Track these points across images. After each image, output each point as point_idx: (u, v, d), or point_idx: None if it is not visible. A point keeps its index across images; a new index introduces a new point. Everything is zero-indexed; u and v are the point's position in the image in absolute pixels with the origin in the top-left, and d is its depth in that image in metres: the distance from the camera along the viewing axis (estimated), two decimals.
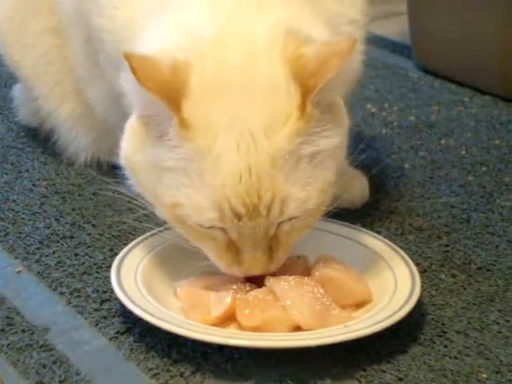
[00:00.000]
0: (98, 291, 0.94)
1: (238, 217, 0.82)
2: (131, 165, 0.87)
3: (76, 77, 1.15)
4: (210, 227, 0.83)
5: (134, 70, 0.79)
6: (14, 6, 1.18)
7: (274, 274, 0.87)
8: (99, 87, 1.11)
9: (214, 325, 0.85)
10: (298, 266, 0.90)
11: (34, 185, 1.15)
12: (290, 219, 0.84)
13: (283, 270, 0.88)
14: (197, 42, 0.83)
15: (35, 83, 1.19)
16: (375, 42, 1.59)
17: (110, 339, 0.87)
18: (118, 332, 0.88)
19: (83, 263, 0.99)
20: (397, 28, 1.76)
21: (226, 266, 0.86)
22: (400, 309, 0.85)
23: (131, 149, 0.86)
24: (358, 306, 0.89)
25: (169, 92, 0.80)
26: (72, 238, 1.04)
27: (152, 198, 0.87)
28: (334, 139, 0.84)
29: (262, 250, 0.84)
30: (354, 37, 0.84)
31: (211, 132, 0.80)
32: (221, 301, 0.86)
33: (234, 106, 0.81)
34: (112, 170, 1.17)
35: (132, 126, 0.87)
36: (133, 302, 0.85)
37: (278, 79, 0.82)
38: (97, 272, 0.97)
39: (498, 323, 0.90)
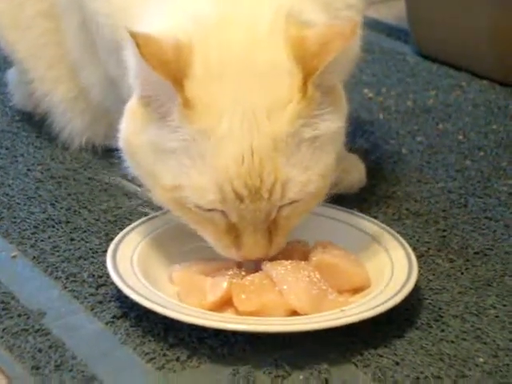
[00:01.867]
0: (93, 276, 0.94)
1: (240, 199, 0.81)
2: (130, 147, 0.86)
3: (71, 60, 1.14)
4: (210, 210, 0.83)
5: (139, 47, 0.79)
6: None
7: (273, 259, 0.87)
8: (94, 71, 1.10)
9: (210, 310, 0.85)
10: (297, 251, 0.89)
11: (28, 169, 1.15)
12: (290, 203, 0.83)
13: (282, 255, 0.88)
14: (199, 24, 0.83)
15: (30, 66, 1.18)
16: (372, 26, 1.58)
17: (106, 324, 0.87)
18: (114, 316, 0.87)
19: (79, 248, 0.99)
20: (394, 12, 1.75)
21: (225, 249, 0.85)
22: (397, 293, 0.85)
23: (131, 130, 0.86)
24: (356, 291, 0.88)
25: (172, 71, 0.80)
26: (67, 222, 1.03)
27: (150, 181, 0.86)
28: (334, 123, 0.84)
29: (262, 234, 0.84)
30: (356, 20, 0.84)
31: (214, 113, 0.80)
32: (217, 286, 0.86)
33: (236, 87, 0.81)
34: (107, 154, 1.17)
35: (132, 107, 0.86)
36: (129, 286, 0.85)
37: (280, 61, 0.82)
38: (92, 257, 0.97)
39: (495, 307, 0.90)
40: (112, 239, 0.93)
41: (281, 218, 0.85)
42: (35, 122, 1.24)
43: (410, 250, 0.92)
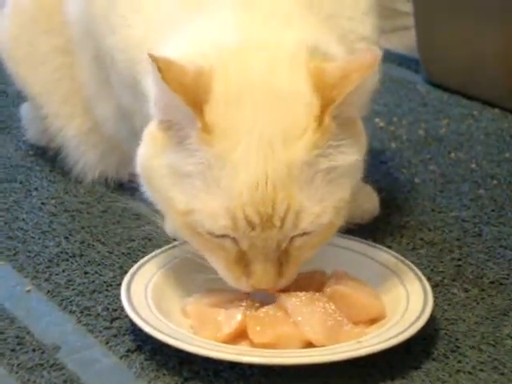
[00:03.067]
0: (108, 309, 0.93)
1: (252, 226, 0.81)
2: (148, 171, 0.87)
3: (85, 94, 1.15)
4: (221, 236, 0.83)
5: (160, 71, 0.79)
6: (20, 24, 1.18)
7: (288, 290, 0.87)
8: (108, 104, 1.11)
9: (225, 342, 0.84)
10: (314, 281, 0.89)
11: (43, 203, 1.15)
12: (302, 234, 0.83)
13: (298, 285, 0.87)
14: (220, 50, 0.84)
15: (44, 101, 1.19)
16: (383, 56, 1.59)
17: (121, 357, 0.86)
18: (128, 350, 0.87)
19: (93, 281, 0.99)
20: (404, 42, 1.76)
21: (235, 278, 0.85)
22: (413, 324, 0.84)
23: (150, 155, 0.86)
24: (371, 322, 0.88)
25: (193, 95, 0.80)
26: (81, 256, 1.04)
27: (165, 205, 0.87)
28: (351, 156, 0.84)
29: (272, 264, 0.83)
30: (378, 51, 0.84)
31: (232, 138, 0.81)
32: (231, 318, 0.85)
33: (254, 113, 0.81)
34: (120, 187, 1.18)
35: (151, 132, 0.86)
36: (143, 319, 0.85)
37: (299, 90, 0.82)
38: (107, 290, 0.97)
39: (511, 337, 0.89)
40: (126, 272, 0.93)
41: (293, 248, 0.84)
42: (49, 157, 1.25)
43: (424, 279, 0.91)
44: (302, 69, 0.83)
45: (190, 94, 0.80)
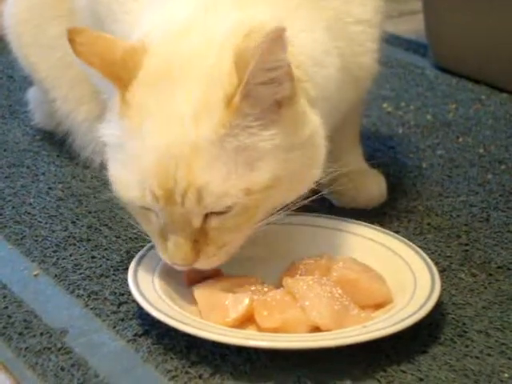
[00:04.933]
0: (115, 293, 0.94)
1: (157, 199, 0.82)
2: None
3: (92, 81, 1.15)
4: (144, 208, 0.84)
5: (70, 42, 0.83)
6: (29, 8, 1.18)
7: (293, 274, 0.87)
8: (114, 91, 1.11)
9: (232, 326, 0.84)
10: (321, 266, 0.89)
11: (50, 188, 1.15)
12: (216, 214, 0.82)
13: (305, 270, 0.87)
14: (162, 31, 0.86)
15: (52, 85, 1.19)
16: (390, 40, 1.57)
17: (128, 341, 0.87)
18: (135, 334, 0.87)
19: (100, 266, 0.99)
20: (412, 26, 1.75)
21: (159, 251, 0.87)
22: (420, 309, 0.84)
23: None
24: (378, 306, 0.88)
25: (117, 71, 0.83)
26: (89, 240, 1.04)
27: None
28: (269, 140, 0.81)
29: (185, 241, 0.83)
30: (281, 27, 0.78)
31: (144, 112, 0.82)
32: (239, 302, 0.86)
33: (170, 91, 0.82)
34: None
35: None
36: (150, 304, 0.85)
37: (220, 71, 0.81)
38: (114, 274, 0.97)
39: None
40: (133, 256, 0.94)
41: (209, 228, 0.83)
42: (56, 141, 1.25)
43: (432, 264, 0.91)
44: (229, 50, 0.82)
45: (114, 69, 0.83)
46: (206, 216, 0.83)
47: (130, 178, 0.83)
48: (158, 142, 0.81)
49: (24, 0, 1.19)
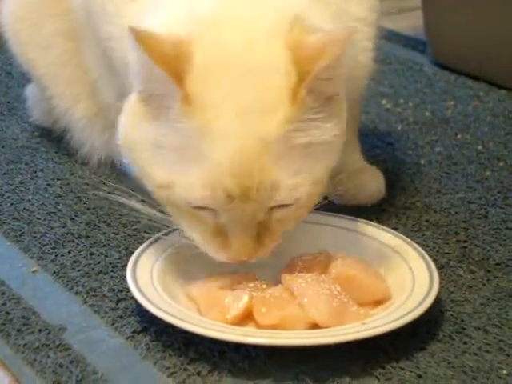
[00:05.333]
0: (113, 290, 0.94)
1: (231, 198, 0.81)
2: (128, 142, 0.86)
3: (91, 79, 1.14)
4: (201, 208, 0.83)
5: (139, 41, 0.79)
6: (26, 5, 1.18)
7: (292, 271, 0.87)
8: (113, 91, 1.11)
9: (232, 324, 0.84)
10: (319, 263, 0.89)
11: (48, 184, 1.15)
12: (280, 207, 0.83)
13: (303, 267, 0.87)
14: (198, 21, 0.83)
15: (49, 82, 1.19)
16: (389, 37, 1.58)
17: (127, 338, 0.87)
18: (134, 331, 0.87)
19: (99, 262, 0.99)
20: (411, 23, 1.75)
21: (214, 251, 0.86)
22: (418, 306, 0.84)
23: (129, 127, 0.86)
24: (377, 303, 0.88)
25: (173, 65, 0.80)
26: (87, 237, 1.04)
27: (146, 178, 0.87)
28: (330, 132, 0.84)
29: (251, 236, 0.84)
30: (354, 27, 0.84)
31: (211, 110, 0.81)
32: (238, 299, 0.86)
33: (232, 86, 0.81)
34: (123, 166, 1.18)
35: (131, 104, 0.86)
36: (149, 300, 0.85)
37: (276, 63, 0.82)
38: (112, 271, 0.97)
39: None
40: (132, 253, 0.94)
41: (272, 221, 0.84)
42: (55, 138, 1.24)
43: (430, 261, 0.91)
44: (279, 41, 0.82)
45: (171, 64, 0.80)
46: (271, 209, 0.84)
47: (196, 179, 0.81)
48: (229, 141, 0.80)
49: None
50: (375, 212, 1.07)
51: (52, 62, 1.17)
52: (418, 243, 0.96)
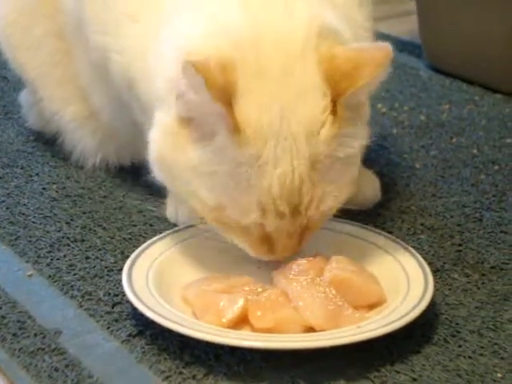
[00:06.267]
0: (109, 294, 0.94)
1: (281, 216, 0.85)
2: (166, 162, 0.87)
3: (81, 82, 1.14)
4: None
5: (197, 69, 0.78)
6: (16, 8, 1.17)
7: (286, 275, 0.87)
8: (104, 95, 1.10)
9: (228, 328, 0.84)
10: (314, 266, 0.89)
11: (44, 188, 1.15)
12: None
13: (299, 270, 0.88)
14: (233, 40, 0.83)
15: (39, 85, 1.18)
16: (385, 41, 1.58)
17: (122, 342, 0.87)
18: (129, 335, 0.87)
19: (94, 266, 0.99)
20: (406, 27, 1.76)
21: (259, 254, 0.89)
22: (413, 309, 0.84)
23: (168, 148, 0.86)
24: (372, 306, 0.88)
25: (224, 94, 0.81)
26: (83, 241, 1.04)
27: (188, 196, 0.88)
28: (361, 139, 0.87)
29: (294, 238, 0.88)
30: (390, 48, 0.85)
31: (261, 138, 0.82)
32: (234, 303, 0.86)
33: (276, 111, 0.83)
34: (120, 172, 1.18)
35: (166, 124, 0.86)
36: (144, 304, 0.85)
37: (313, 81, 0.84)
38: (108, 275, 0.97)
39: None
40: (127, 257, 0.94)
41: (313, 221, 0.88)
42: (50, 142, 1.24)
43: (425, 264, 0.92)
44: (312, 57, 0.84)
45: (221, 92, 0.80)
46: None
47: (247, 203, 0.84)
48: (279, 166, 0.83)
49: (12, 1, 1.18)
50: (370, 215, 1.07)
51: (42, 63, 1.17)
52: (412, 247, 0.96)
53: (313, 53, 0.84)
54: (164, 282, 0.90)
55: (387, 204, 1.11)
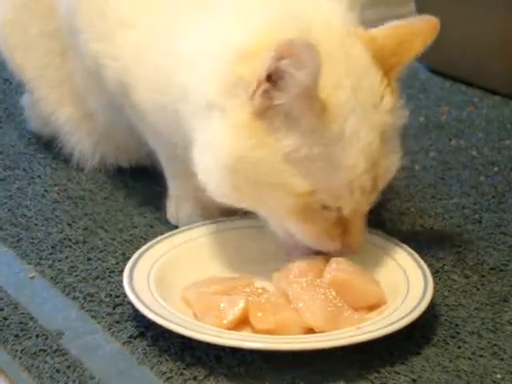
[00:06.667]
0: (110, 295, 0.94)
1: (365, 192, 0.87)
2: (248, 162, 0.85)
3: (76, 84, 1.14)
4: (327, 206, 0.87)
5: (287, 51, 0.81)
6: (13, 9, 1.17)
7: (286, 276, 0.88)
8: (98, 97, 1.10)
9: (227, 328, 0.85)
10: (314, 268, 0.90)
11: (46, 190, 1.16)
12: None
13: (298, 271, 0.88)
14: (302, 29, 0.86)
15: (35, 86, 1.18)
16: None
17: (124, 343, 0.87)
18: (131, 336, 0.88)
19: (96, 268, 0.99)
20: None
21: (330, 240, 0.89)
22: (413, 310, 0.85)
23: (247, 147, 0.85)
24: (371, 308, 0.88)
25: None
26: (84, 242, 1.04)
27: (272, 191, 0.86)
28: (405, 109, 0.92)
29: (363, 222, 0.91)
30: (434, 19, 0.93)
31: (341, 114, 0.85)
32: (234, 304, 0.86)
33: (347, 87, 0.86)
34: (121, 174, 1.18)
35: (237, 123, 0.85)
36: (146, 305, 0.85)
37: (365, 60, 0.88)
38: (109, 276, 0.98)
39: (511, 323, 0.90)
40: (129, 258, 0.94)
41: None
42: (51, 144, 1.25)
43: (425, 266, 0.92)
44: (355, 39, 0.88)
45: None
46: None
47: (338, 183, 0.86)
48: (360, 141, 0.86)
49: (9, 1, 1.18)
50: (370, 217, 1.07)
51: (37, 64, 1.16)
52: (412, 248, 0.96)
53: (354, 37, 0.88)
54: (165, 284, 0.91)
55: (387, 205, 1.12)
